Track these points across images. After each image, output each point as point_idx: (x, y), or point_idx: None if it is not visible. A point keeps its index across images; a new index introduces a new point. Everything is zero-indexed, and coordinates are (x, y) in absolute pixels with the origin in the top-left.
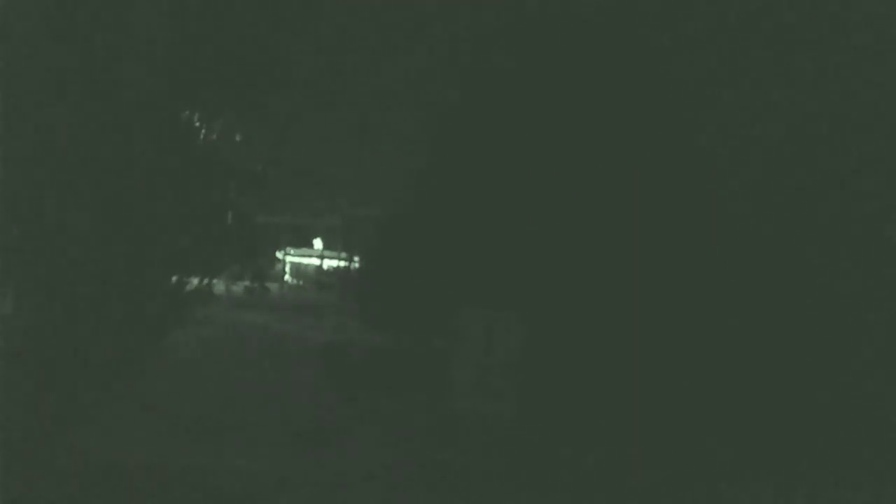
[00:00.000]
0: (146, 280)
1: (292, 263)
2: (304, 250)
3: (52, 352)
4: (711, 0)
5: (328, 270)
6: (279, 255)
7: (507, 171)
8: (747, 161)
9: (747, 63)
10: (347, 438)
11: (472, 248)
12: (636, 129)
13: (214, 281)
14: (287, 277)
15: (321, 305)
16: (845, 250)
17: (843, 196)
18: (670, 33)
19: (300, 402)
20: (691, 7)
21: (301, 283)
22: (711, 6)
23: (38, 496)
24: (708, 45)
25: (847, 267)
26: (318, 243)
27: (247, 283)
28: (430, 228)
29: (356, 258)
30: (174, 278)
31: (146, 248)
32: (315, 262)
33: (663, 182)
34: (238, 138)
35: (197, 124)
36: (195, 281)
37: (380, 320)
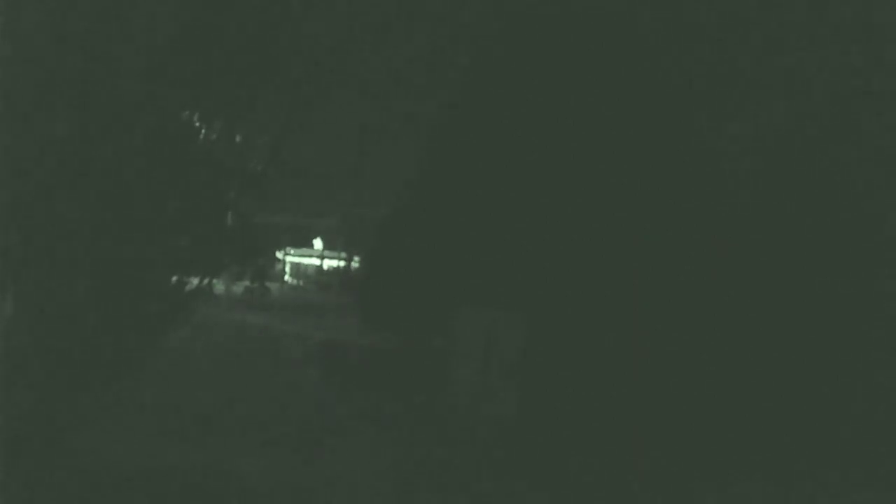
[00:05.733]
0: (146, 280)
1: (292, 263)
2: (304, 250)
3: (52, 352)
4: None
5: (328, 270)
6: (279, 255)
7: (506, 170)
8: (747, 161)
9: (748, 63)
10: (347, 438)
11: (472, 248)
12: (637, 129)
13: (214, 281)
14: (287, 277)
15: (321, 305)
16: (845, 250)
17: (843, 196)
18: (670, 32)
19: (300, 402)
20: (692, 7)
21: (301, 283)
22: (712, 6)
23: (38, 497)
24: (708, 44)
25: (847, 267)
26: (318, 243)
27: (247, 283)
28: (429, 228)
29: (356, 258)
30: (174, 278)
31: (146, 248)
32: (315, 262)
33: (664, 182)
34: (238, 138)
35: (197, 124)
36: (195, 281)
37: (380, 320)
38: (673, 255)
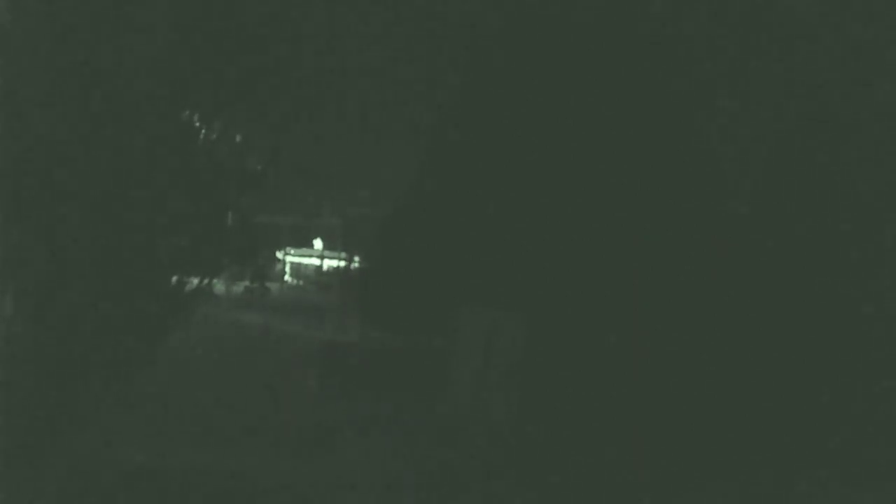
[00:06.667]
0: (146, 280)
1: (292, 263)
2: (304, 250)
3: (52, 352)
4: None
5: (328, 270)
6: (279, 255)
7: (507, 170)
8: (747, 160)
9: (747, 63)
10: (347, 439)
11: (472, 248)
12: (638, 128)
13: (214, 281)
14: (287, 277)
15: (321, 305)
16: (845, 250)
17: (843, 196)
18: (670, 32)
19: (300, 402)
20: (692, 6)
21: (301, 283)
22: (712, 6)
23: (38, 497)
24: (708, 44)
25: (847, 267)
26: (318, 243)
27: (247, 283)
28: (430, 228)
29: (356, 258)
30: (174, 278)
31: (146, 249)
32: (315, 262)
33: (664, 182)
34: (238, 138)
35: (197, 124)
36: (195, 281)
37: (380, 320)
38: (673, 256)
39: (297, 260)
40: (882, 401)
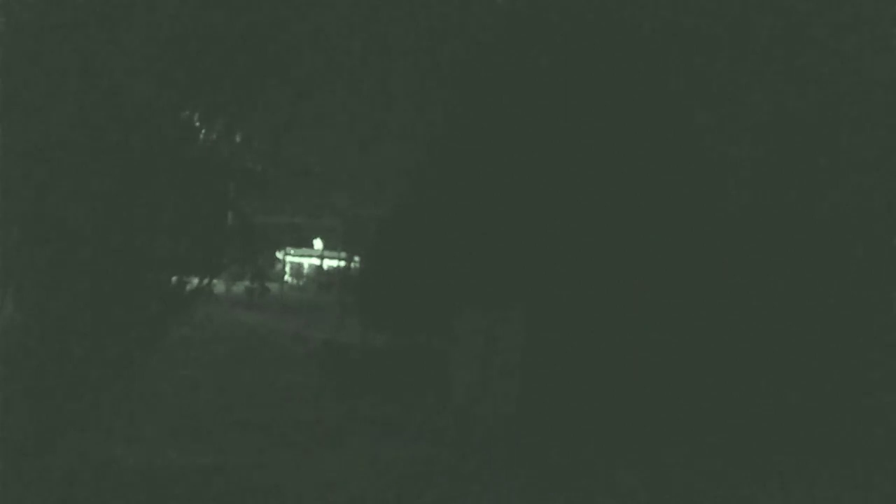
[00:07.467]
0: (146, 280)
1: (292, 263)
2: (304, 250)
3: (52, 352)
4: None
5: (328, 270)
6: (279, 255)
7: (507, 170)
8: (747, 160)
9: (746, 63)
10: (347, 438)
11: (472, 248)
12: (636, 128)
13: (214, 281)
14: (287, 277)
15: (321, 305)
16: (845, 250)
17: (843, 196)
18: (670, 32)
19: (300, 402)
20: (691, 7)
21: (301, 283)
22: (711, 6)
23: (38, 497)
24: (708, 44)
25: (847, 267)
26: (318, 243)
27: (247, 283)
28: (430, 228)
29: (356, 258)
30: (174, 278)
31: (146, 248)
32: (315, 262)
33: (664, 182)
34: (238, 138)
35: (197, 124)
36: (195, 281)
37: (380, 320)
38: (673, 255)
39: (297, 260)
40: (882, 401)
